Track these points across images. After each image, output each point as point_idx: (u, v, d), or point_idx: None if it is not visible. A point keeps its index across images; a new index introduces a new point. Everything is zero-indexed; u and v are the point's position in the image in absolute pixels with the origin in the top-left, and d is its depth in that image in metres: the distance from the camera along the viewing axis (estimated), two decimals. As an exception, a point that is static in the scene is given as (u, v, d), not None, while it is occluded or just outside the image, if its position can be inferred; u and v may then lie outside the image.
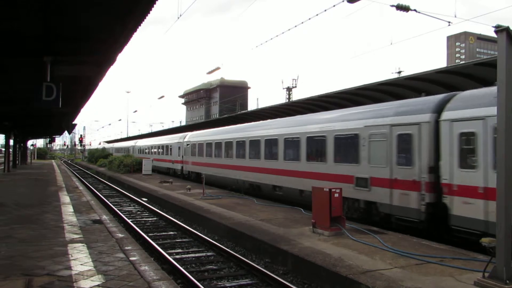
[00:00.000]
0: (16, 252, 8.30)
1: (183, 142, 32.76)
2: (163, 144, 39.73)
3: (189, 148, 30.93)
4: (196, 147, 29.48)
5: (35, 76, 11.36)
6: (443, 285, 7.01)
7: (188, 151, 31.18)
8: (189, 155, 30.79)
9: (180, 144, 33.49)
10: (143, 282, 6.61)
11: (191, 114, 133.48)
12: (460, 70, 13.37)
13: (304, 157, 16.50)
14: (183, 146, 32.45)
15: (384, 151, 12.30)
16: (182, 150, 32.75)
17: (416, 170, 11.30)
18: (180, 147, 33.37)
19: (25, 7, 7.96)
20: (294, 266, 9.29)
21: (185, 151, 31.78)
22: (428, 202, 10.95)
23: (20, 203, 15.71)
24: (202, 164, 27.99)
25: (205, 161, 27.34)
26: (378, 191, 12.42)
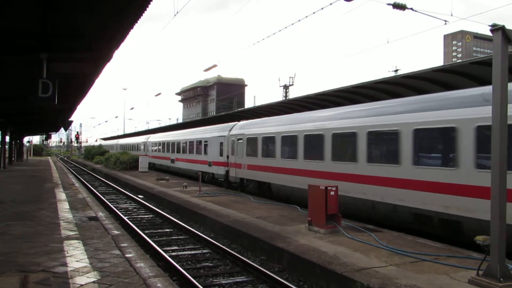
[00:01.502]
0: (11, 248, 8.29)
1: (229, 135, 23.28)
2: (192, 140, 30.17)
3: (242, 144, 21.42)
4: (258, 143, 19.86)
5: (31, 72, 11.32)
6: (437, 283, 7.05)
7: (240, 149, 21.63)
8: (243, 155, 21.23)
9: (223, 139, 24.02)
10: (138, 279, 6.62)
11: (188, 111, 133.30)
12: (457, 68, 13.42)
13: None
14: (229, 141, 23.08)
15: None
16: (227, 146, 23.45)
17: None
18: (223, 143, 23.94)
19: (21, 4, 7.93)
20: (290, 264, 9.31)
21: (235, 148, 22.24)
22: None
23: (16, 199, 15.68)
24: (271, 170, 18.50)
25: (279, 164, 17.91)
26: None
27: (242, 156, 21.31)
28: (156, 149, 41.65)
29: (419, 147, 11.47)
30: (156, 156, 41.19)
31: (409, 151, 11.53)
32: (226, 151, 23.46)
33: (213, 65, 23.47)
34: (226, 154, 23.35)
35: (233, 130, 23.15)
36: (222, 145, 24.03)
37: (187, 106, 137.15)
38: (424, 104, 11.64)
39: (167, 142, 37.11)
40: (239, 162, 21.64)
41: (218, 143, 24.70)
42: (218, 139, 24.83)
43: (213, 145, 25.51)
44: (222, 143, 24.09)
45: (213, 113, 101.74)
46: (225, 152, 23.61)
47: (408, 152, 11.57)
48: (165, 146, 37.81)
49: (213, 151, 25.38)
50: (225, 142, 23.72)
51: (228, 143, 23.28)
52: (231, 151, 22.77)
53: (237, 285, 8.57)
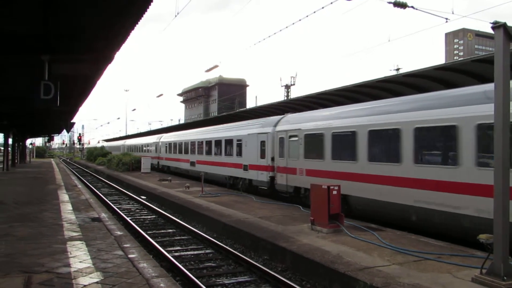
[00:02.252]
0: (15, 249, 8.32)
1: (275, 132, 18.54)
2: (219, 138, 25.06)
3: (297, 143, 16.69)
4: (324, 141, 15.01)
5: (33, 74, 11.35)
6: (440, 282, 7.03)
7: (294, 149, 16.90)
8: (299, 157, 16.55)
9: (265, 137, 19.25)
10: (141, 279, 6.64)
11: (190, 112, 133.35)
12: (458, 66, 13.39)
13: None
14: (275, 140, 18.41)
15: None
16: (271, 146, 18.75)
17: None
18: (266, 142, 19.14)
19: (22, 6, 7.96)
20: (293, 263, 9.31)
21: (285, 148, 17.51)
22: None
23: (19, 201, 15.73)
24: (349, 177, 13.69)
25: (365, 170, 13.13)
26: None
27: (297, 158, 16.58)
28: (171, 150, 36.42)
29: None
30: (171, 158, 36.55)
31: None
32: (270, 152, 18.76)
33: (215, 66, 23.48)
34: (270, 155, 18.68)
35: (280, 125, 18.32)
36: (264, 144, 19.24)
37: (189, 107, 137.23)
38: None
39: (186, 142, 31.82)
40: (293, 166, 16.84)
41: (258, 142, 19.82)
42: (258, 137, 19.86)
43: (251, 145, 20.54)
44: (264, 142, 19.28)
45: (215, 114, 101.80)
46: (268, 153, 18.88)
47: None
48: (182, 146, 32.69)
49: (251, 152, 20.51)
50: (268, 140, 18.95)
51: (274, 142, 18.50)
52: (278, 151, 18.09)
53: (240, 285, 8.58)
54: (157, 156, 41.28)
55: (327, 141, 14.84)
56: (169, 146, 37.20)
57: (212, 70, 24.60)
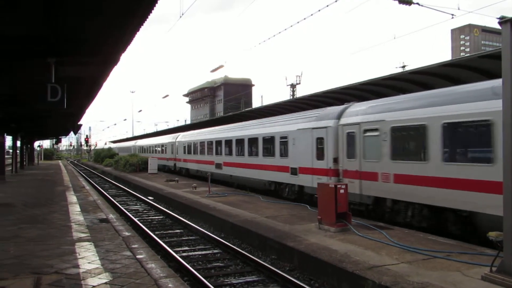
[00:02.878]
0: (24, 251, 8.38)
1: (340, 126, 14.78)
2: (254, 136, 21.14)
3: (378, 140, 12.91)
4: (428, 136, 11.20)
5: (39, 77, 11.42)
6: (450, 280, 6.99)
7: (373, 147, 13.16)
8: (381, 158, 12.77)
9: (324, 132, 15.53)
10: (150, 280, 6.66)
11: (196, 112, 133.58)
12: (465, 63, 13.30)
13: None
14: (343, 136, 14.50)
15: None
16: (334, 144, 15.03)
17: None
18: (325, 139, 15.42)
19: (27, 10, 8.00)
20: (301, 263, 9.30)
21: (358, 146, 13.72)
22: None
23: (28, 203, 15.84)
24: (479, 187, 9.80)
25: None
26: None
27: (378, 159, 12.74)
28: (190, 151, 32.56)
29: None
30: (191, 160, 32.55)
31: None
32: (331, 152, 15.07)
33: (220, 66, 23.53)
34: (332, 156, 15.00)
35: (347, 117, 14.48)
36: (322, 142, 15.56)
37: (194, 107, 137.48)
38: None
39: (210, 141, 28.01)
40: (371, 170, 13.01)
41: (313, 139, 16.13)
42: (313, 133, 16.14)
43: (301, 142, 16.88)
44: (322, 139, 15.56)
45: (221, 114, 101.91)
46: (328, 152, 15.19)
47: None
48: (205, 146, 28.80)
49: (301, 152, 16.84)
50: (328, 136, 15.21)
51: (338, 139, 14.75)
52: (345, 151, 14.31)
53: (248, 284, 8.58)
54: (174, 157, 37.91)
55: (434, 135, 10.85)
56: (189, 146, 33.22)
57: (218, 70, 24.68)
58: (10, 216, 12.76)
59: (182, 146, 35.37)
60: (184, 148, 34.71)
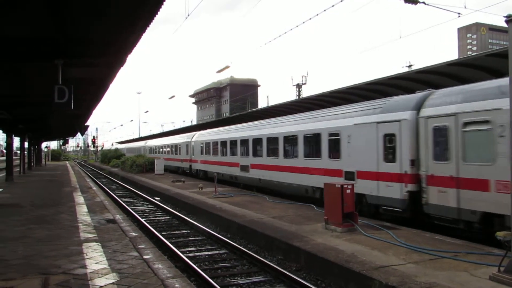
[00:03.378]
0: (33, 251, 8.44)
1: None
2: (293, 133, 18.06)
3: None
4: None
5: (47, 79, 11.53)
6: (457, 280, 6.95)
7: (485, 144, 9.88)
8: (495, 160, 9.51)
9: (402, 125, 12.15)
10: (156, 280, 6.68)
11: (202, 113, 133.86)
12: (472, 62, 13.23)
13: None
14: (426, 130, 11.43)
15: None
16: (408, 140, 11.92)
17: None
18: (399, 135, 12.21)
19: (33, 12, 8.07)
20: (307, 263, 9.29)
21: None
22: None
23: (36, 204, 15.95)
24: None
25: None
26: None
27: (491, 162, 9.69)
28: (209, 151, 29.39)
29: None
30: (210, 161, 29.14)
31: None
32: (407, 152, 11.80)
33: (226, 66, 23.57)
34: (409, 157, 11.77)
35: (435, 106, 11.37)
36: (394, 140, 12.30)
37: (200, 108, 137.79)
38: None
39: (233, 140, 24.91)
40: (479, 177, 9.98)
41: (377, 135, 12.86)
42: (378, 128, 12.91)
43: (360, 140, 13.66)
44: (393, 136, 12.34)
45: (227, 114, 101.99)
46: (403, 153, 11.92)
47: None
48: (228, 146, 25.72)
49: (361, 152, 13.59)
50: (402, 132, 12.01)
51: (418, 135, 11.73)
52: (431, 151, 11.29)
53: (254, 285, 8.58)
54: (189, 158, 34.52)
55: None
56: (207, 146, 29.91)
57: (224, 71, 24.68)
58: (19, 216, 12.86)
59: (199, 146, 32.14)
60: (201, 148, 31.47)
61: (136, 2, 7.81)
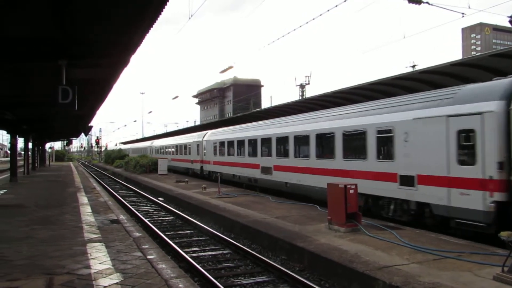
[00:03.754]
0: (37, 251, 8.47)
1: None
2: (330, 131, 15.67)
3: None
4: None
5: (50, 79, 11.56)
6: (461, 280, 6.94)
7: None
8: None
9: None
10: (160, 280, 6.70)
11: (205, 113, 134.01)
12: (475, 62, 13.18)
13: None
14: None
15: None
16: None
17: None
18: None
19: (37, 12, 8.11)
20: (311, 263, 9.29)
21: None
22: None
23: (40, 204, 16.01)
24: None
25: None
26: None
27: None
28: (224, 151, 26.81)
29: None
30: (225, 162, 26.46)
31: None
32: (492, 152, 9.75)
33: (229, 67, 23.61)
34: (496, 158, 9.69)
35: None
36: (473, 136, 10.19)
37: (204, 108, 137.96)
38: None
39: (253, 139, 22.20)
40: None
41: (448, 131, 10.81)
42: (449, 123, 10.79)
43: (421, 137, 11.57)
44: (471, 132, 10.27)
45: (230, 115, 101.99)
46: (486, 153, 9.87)
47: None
48: (245, 145, 23.08)
49: (424, 151, 11.46)
50: (486, 128, 9.91)
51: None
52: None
53: (258, 285, 8.59)
54: (200, 159, 32.04)
55: None
56: (221, 146, 27.17)
57: (227, 71, 24.71)
58: (23, 217, 12.90)
59: (211, 145, 29.28)
60: (214, 148, 28.68)
61: (140, 2, 7.83)
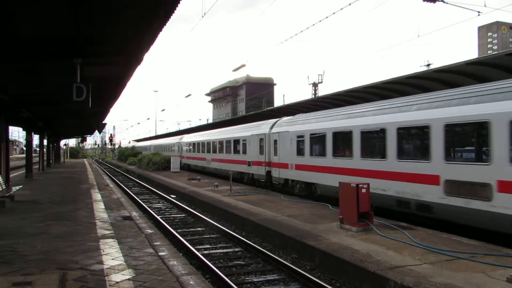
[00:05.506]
0: (51, 247, 8.60)
1: None
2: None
3: None
4: None
5: (65, 77, 11.69)
6: (474, 281, 6.86)
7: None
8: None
9: None
10: (171, 276, 6.75)
11: (218, 112, 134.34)
12: (491, 61, 12.99)
13: None
14: None
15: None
16: None
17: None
18: None
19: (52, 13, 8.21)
20: (322, 262, 9.26)
21: None
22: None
23: (55, 200, 16.23)
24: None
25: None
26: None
27: None
28: (303, 150, 18.33)
29: None
30: (307, 167, 17.94)
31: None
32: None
33: (242, 65, 23.62)
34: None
35: None
36: None
37: (216, 106, 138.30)
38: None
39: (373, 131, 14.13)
40: None
41: None
42: None
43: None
44: None
45: (242, 113, 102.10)
46: None
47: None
48: (357, 139, 14.68)
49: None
50: None
51: None
52: None
53: (269, 283, 8.60)
54: (266, 161, 22.34)
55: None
56: (313, 141, 17.60)
57: (240, 70, 24.73)
58: (37, 213, 13.10)
59: (288, 140, 19.74)
60: (298, 143, 18.99)
61: (153, 1, 7.88)
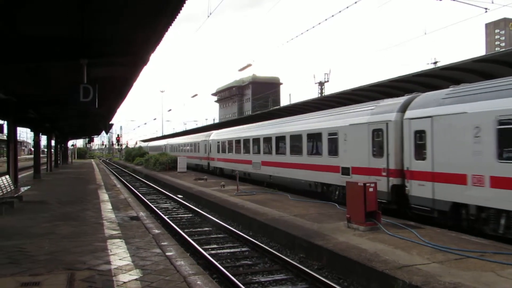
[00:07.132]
0: (58, 247, 8.63)
1: None
2: None
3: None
4: None
5: (72, 78, 11.75)
6: (483, 281, 6.79)
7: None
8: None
9: None
10: (179, 277, 6.75)
11: (224, 111, 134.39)
12: (498, 58, 12.87)
13: None
14: None
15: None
16: None
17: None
18: None
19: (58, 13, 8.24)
20: (329, 261, 9.23)
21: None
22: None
23: (62, 200, 16.31)
24: None
25: None
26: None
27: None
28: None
29: None
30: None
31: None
32: None
33: (248, 65, 23.55)
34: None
35: None
36: None
37: (223, 106, 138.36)
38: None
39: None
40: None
41: None
42: None
43: None
44: None
45: (249, 113, 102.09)
46: None
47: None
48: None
49: None
50: None
51: None
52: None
53: (276, 282, 8.58)
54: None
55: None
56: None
57: (246, 69, 24.69)
58: (45, 213, 13.18)
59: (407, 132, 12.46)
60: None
61: (158, 1, 7.88)
